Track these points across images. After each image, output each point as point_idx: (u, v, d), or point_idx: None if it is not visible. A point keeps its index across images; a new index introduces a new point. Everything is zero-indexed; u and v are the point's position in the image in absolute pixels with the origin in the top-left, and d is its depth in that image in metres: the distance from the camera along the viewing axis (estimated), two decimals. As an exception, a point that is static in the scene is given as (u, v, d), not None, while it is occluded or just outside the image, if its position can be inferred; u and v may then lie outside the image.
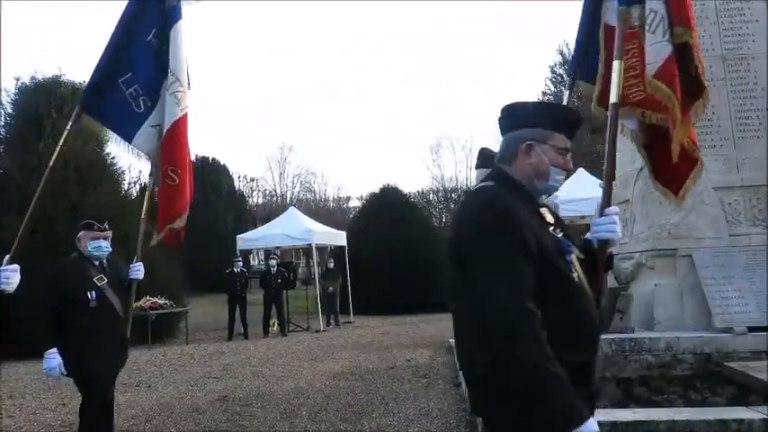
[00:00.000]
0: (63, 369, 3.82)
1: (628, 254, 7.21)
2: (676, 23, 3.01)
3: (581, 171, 14.83)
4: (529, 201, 1.99)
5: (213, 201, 25.73)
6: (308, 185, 43.90)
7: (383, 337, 13.09)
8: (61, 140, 3.59)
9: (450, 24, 70.08)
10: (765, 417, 4.51)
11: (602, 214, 2.29)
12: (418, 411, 6.07)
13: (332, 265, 16.72)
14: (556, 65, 29.10)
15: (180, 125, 3.67)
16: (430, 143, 62.40)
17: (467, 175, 42.23)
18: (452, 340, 9.49)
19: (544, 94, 31.16)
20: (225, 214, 26.39)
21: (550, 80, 30.07)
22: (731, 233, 6.63)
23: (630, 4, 2.95)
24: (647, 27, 3.05)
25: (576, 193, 12.37)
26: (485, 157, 3.43)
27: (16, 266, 3.21)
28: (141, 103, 3.62)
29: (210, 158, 29.27)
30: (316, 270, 16.27)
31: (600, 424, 1.71)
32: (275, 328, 14.57)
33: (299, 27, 69.54)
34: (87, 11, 64.86)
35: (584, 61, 3.47)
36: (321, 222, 19.06)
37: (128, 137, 3.68)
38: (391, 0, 58.89)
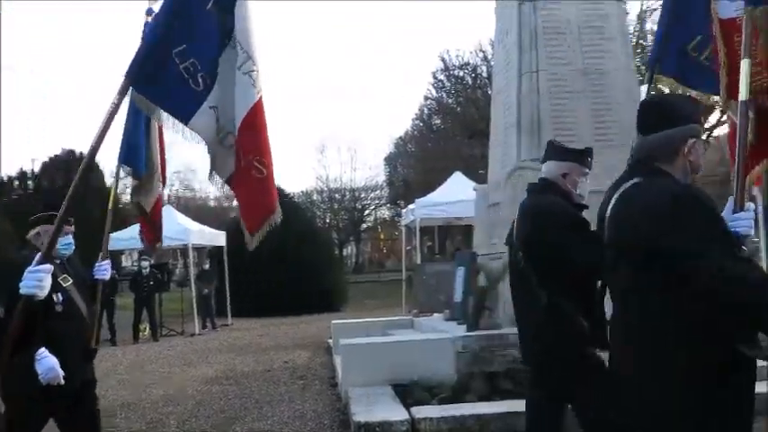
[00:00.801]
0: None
1: (497, 254, 7.55)
2: None
3: (457, 174, 15.37)
4: None
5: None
6: (187, 183, 42.17)
7: (261, 339, 12.83)
8: (105, 118, 2.87)
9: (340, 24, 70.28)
10: (613, 404, 4.88)
11: (735, 210, 2.12)
12: (293, 414, 5.99)
13: (207, 266, 16.17)
14: (438, 71, 30.04)
15: (259, 109, 3.20)
16: (315, 144, 62.20)
17: (351, 176, 42.53)
18: (330, 340, 9.55)
19: (426, 98, 32.08)
20: (93, 212, 24.67)
21: (433, 85, 31.01)
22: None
23: (758, 5, 2.77)
24: None
25: (452, 195, 12.80)
26: (558, 150, 3.29)
27: (50, 267, 2.67)
28: (200, 81, 3.04)
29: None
30: (192, 271, 15.64)
31: (467, 417, 1.74)
32: (146, 333, 13.85)
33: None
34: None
35: (666, 56, 3.52)
36: (203, 222, 18.36)
37: (184, 118, 3.09)
38: (277, -3, 58.17)
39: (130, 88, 2.93)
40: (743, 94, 2.61)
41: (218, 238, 16.83)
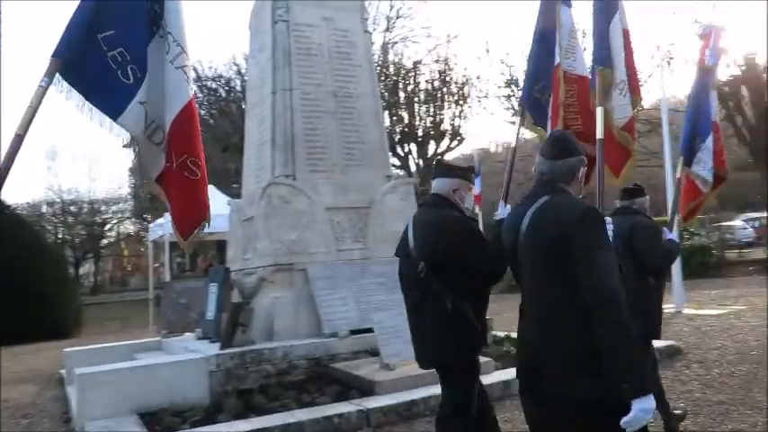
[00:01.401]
0: None
1: (251, 269, 7.53)
2: (634, 93, 4.03)
3: (210, 188, 14.94)
4: None
5: None
6: None
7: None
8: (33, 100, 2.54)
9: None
10: (361, 408, 5.20)
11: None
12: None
13: None
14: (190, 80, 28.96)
15: (192, 107, 2.95)
16: (44, 148, 55.11)
17: (89, 187, 38.64)
18: (63, 371, 8.50)
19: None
20: None
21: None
22: (338, 248, 7.51)
23: (606, 66, 3.88)
24: (618, 90, 4.00)
25: (205, 209, 12.38)
26: (447, 168, 3.48)
27: None
28: (130, 73, 2.73)
29: None
30: None
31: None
32: None
33: None
34: None
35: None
36: None
37: (113, 113, 2.73)
38: None
39: (57, 74, 2.61)
40: (599, 133, 3.58)
41: None
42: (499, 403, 5.55)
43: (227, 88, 26.14)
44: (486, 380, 5.80)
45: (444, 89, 23.01)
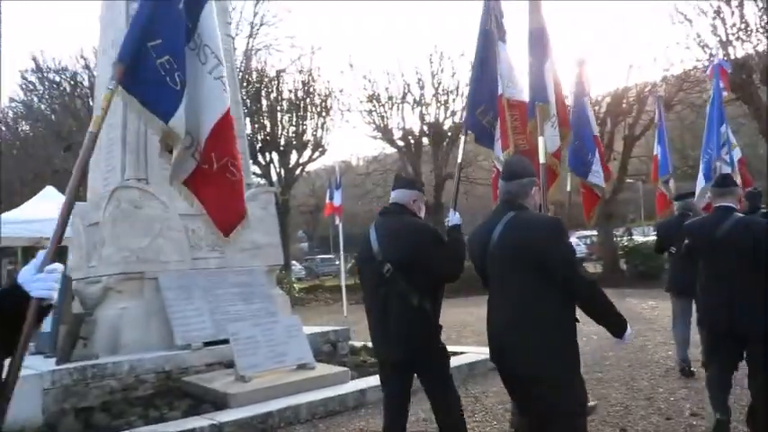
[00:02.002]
0: None
1: (96, 278, 7.01)
2: (563, 125, 5.07)
3: (49, 189, 13.80)
4: None
5: None
6: None
7: None
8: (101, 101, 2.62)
9: None
10: (214, 422, 5.02)
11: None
12: None
13: None
14: (28, 71, 26.40)
15: (229, 115, 3.12)
16: None
17: None
18: None
19: (12, 99, 27.83)
20: None
21: (21, 87, 27.07)
22: (193, 257, 7.20)
23: (546, 102, 4.70)
24: (550, 123, 4.85)
25: (42, 212, 11.39)
26: (407, 181, 3.99)
27: (61, 266, 2.14)
28: (177, 80, 2.90)
29: None
30: None
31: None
32: None
33: None
34: None
35: (469, 116, 4.97)
36: None
37: (165, 117, 2.90)
38: None
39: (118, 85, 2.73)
40: (542, 159, 4.55)
41: None
42: (354, 412, 5.64)
43: (72, 82, 24.15)
44: (341, 390, 5.90)
45: (308, 99, 23.01)
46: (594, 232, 24.04)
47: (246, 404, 5.42)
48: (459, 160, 5.16)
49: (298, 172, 24.05)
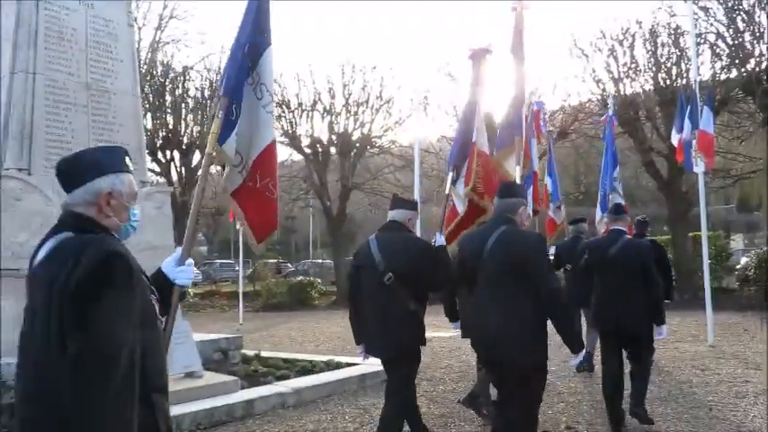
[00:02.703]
0: None
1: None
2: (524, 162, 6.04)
3: None
4: None
5: None
6: None
7: None
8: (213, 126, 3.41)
9: None
10: None
11: None
12: None
13: None
14: None
15: (274, 144, 3.89)
16: None
17: None
18: None
19: None
20: None
21: None
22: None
23: (520, 135, 5.80)
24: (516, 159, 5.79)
25: None
26: (405, 202, 4.66)
27: (192, 260, 2.72)
28: (234, 111, 3.55)
29: None
30: None
31: None
32: None
33: None
34: None
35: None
36: None
37: (220, 140, 3.48)
38: None
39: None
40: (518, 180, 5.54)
41: None
42: (241, 423, 5.49)
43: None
44: (229, 399, 5.72)
45: (215, 99, 22.33)
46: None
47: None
48: (446, 191, 5.43)
49: (200, 173, 23.28)
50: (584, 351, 3.71)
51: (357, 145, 21.94)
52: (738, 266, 18.65)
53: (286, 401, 6.09)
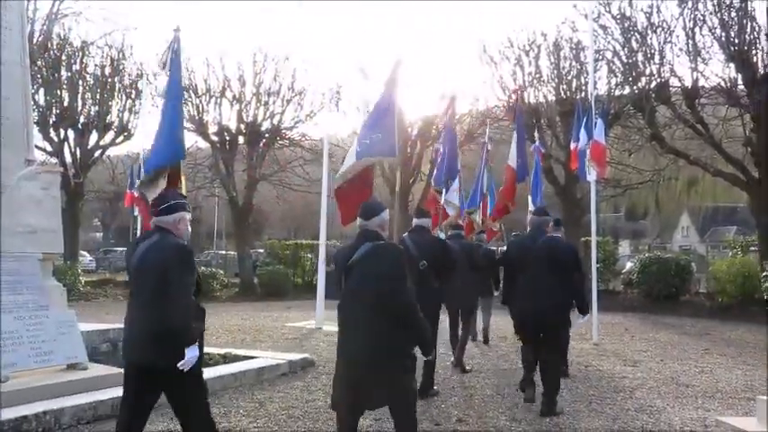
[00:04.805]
0: None
1: None
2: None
3: None
4: None
5: None
6: None
7: None
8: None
9: None
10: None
11: None
12: None
13: None
14: None
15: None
16: None
17: None
18: None
19: None
20: None
21: None
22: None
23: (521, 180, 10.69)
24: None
25: None
26: (424, 212, 6.76)
27: None
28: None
29: None
30: None
31: None
32: None
33: None
34: None
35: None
36: None
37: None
38: None
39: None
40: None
41: None
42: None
43: None
44: (115, 392, 5.43)
45: (116, 78, 21.20)
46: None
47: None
48: (450, 219, 8.41)
49: (97, 155, 22.02)
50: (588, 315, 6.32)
51: (266, 135, 21.54)
52: (624, 271, 19.91)
53: (178, 395, 5.87)
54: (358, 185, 6.48)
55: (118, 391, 5.45)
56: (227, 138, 21.53)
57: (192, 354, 3.49)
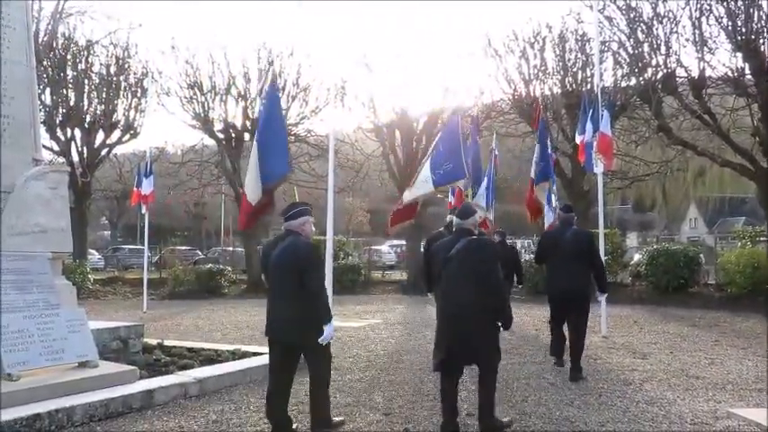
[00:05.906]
0: None
1: None
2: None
3: None
4: None
5: None
6: None
7: None
8: None
9: None
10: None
11: None
12: None
13: None
14: None
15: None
16: None
17: None
18: None
19: None
20: None
21: None
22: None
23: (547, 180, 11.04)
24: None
25: None
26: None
27: None
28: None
29: None
30: None
31: None
32: None
33: None
34: None
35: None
36: None
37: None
38: None
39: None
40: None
41: None
42: (139, 414, 5.30)
43: None
44: (126, 390, 5.49)
45: (121, 77, 21.26)
46: (404, 242, 25.25)
47: (12, 406, 4.81)
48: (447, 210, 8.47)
49: (104, 153, 22.11)
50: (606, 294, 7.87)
51: (272, 132, 21.51)
52: (632, 263, 19.85)
53: (188, 391, 5.92)
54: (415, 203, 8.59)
55: (129, 389, 5.55)
56: (233, 135, 21.55)
57: (329, 330, 4.45)
